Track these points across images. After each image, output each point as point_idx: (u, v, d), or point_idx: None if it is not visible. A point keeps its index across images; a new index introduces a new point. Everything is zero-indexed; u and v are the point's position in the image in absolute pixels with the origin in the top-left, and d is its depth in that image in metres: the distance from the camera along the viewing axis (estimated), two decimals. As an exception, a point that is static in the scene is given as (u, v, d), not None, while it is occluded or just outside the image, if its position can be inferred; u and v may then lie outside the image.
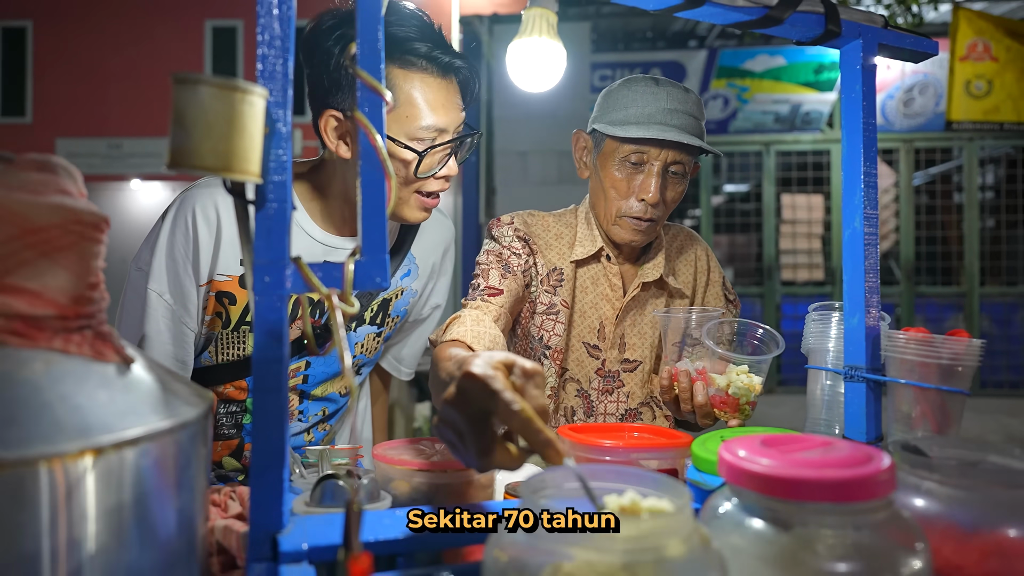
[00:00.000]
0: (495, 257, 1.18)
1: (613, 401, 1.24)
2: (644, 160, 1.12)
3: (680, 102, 1.11)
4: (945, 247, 6.28)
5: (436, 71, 0.98)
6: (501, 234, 1.22)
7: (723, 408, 0.98)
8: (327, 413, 1.20)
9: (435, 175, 1.01)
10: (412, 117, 0.97)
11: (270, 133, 0.57)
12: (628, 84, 1.15)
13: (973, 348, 0.76)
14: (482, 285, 1.14)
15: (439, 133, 0.99)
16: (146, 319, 1.00)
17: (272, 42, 0.57)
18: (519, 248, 1.20)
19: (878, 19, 0.84)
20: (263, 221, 0.57)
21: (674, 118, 1.10)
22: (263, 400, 0.57)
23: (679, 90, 1.13)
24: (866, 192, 0.82)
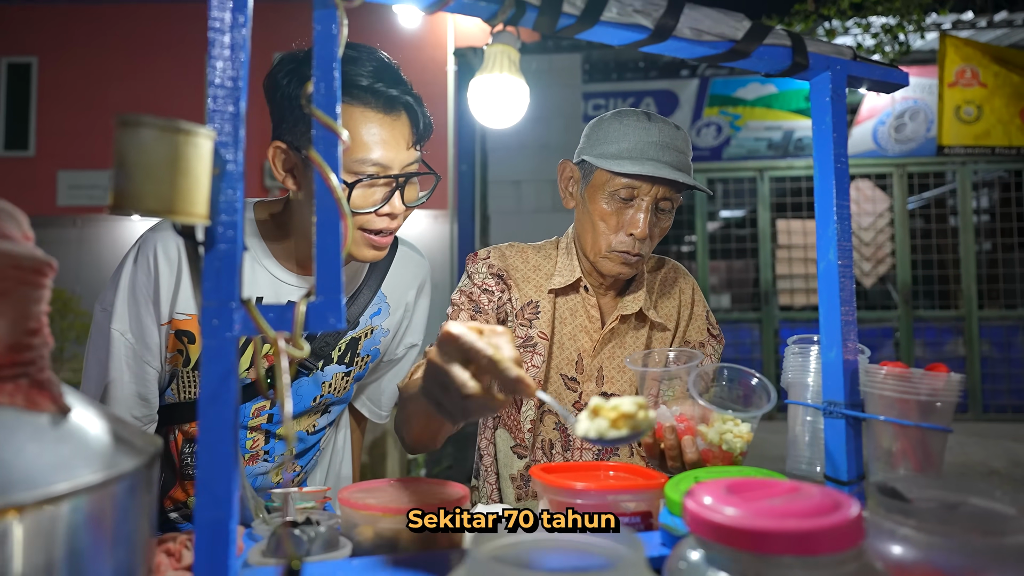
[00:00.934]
0: (466, 298, 1.20)
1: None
2: (635, 195, 1.11)
3: (671, 138, 1.11)
4: (942, 271, 6.28)
5: (379, 106, 0.95)
6: (476, 270, 1.22)
7: (716, 463, 0.93)
8: (295, 452, 1.18)
9: (376, 212, 0.97)
10: (348, 151, 0.94)
11: (220, 173, 0.56)
12: (619, 117, 1.14)
13: (952, 383, 0.74)
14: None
15: (380, 169, 0.95)
16: (110, 358, 0.98)
17: (223, 82, 0.57)
18: (492, 284, 1.20)
19: (846, 51, 0.83)
20: (212, 262, 0.56)
21: (666, 154, 1.10)
22: (209, 447, 0.55)
23: (669, 126, 1.13)
24: (839, 224, 0.81)
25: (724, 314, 6.50)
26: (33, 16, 9.07)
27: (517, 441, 1.23)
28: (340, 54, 0.63)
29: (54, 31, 9.00)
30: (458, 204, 5.52)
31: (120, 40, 8.88)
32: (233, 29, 0.57)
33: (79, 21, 9.01)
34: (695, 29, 0.73)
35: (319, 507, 0.86)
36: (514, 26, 0.71)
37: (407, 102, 0.98)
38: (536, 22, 0.70)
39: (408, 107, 0.99)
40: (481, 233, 5.31)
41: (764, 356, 6.21)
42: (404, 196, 1.00)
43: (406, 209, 1.02)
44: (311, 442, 1.19)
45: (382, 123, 0.95)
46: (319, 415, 1.19)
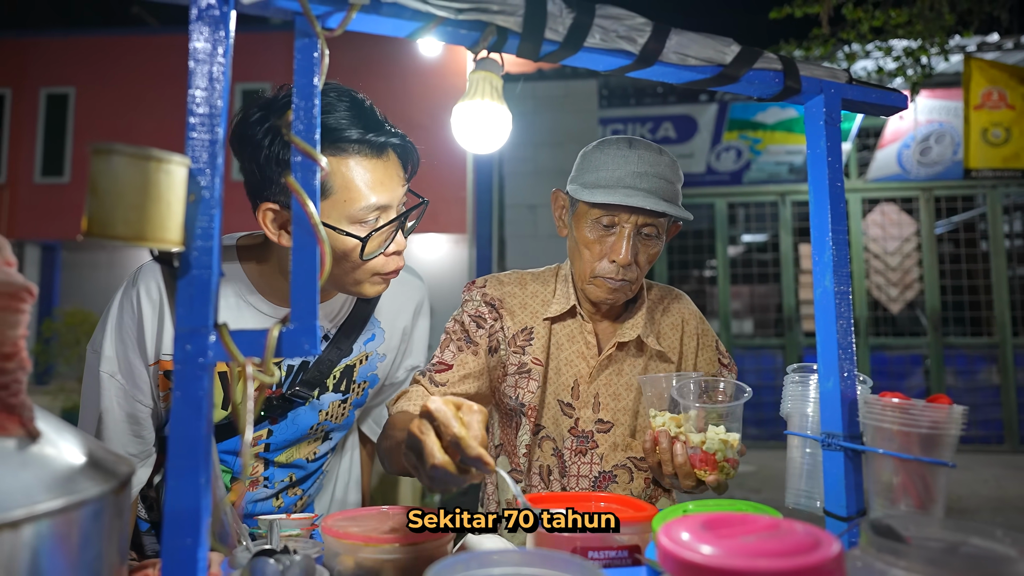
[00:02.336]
0: (459, 326, 1.22)
1: (586, 463, 1.20)
2: (615, 222, 1.12)
3: (651, 165, 1.10)
4: (973, 296, 6.11)
5: (370, 152, 0.97)
6: (470, 298, 1.24)
7: (702, 466, 0.96)
8: (295, 479, 1.17)
9: (384, 253, 1.00)
10: (351, 200, 0.95)
11: (196, 200, 0.57)
12: (601, 147, 1.15)
13: (954, 416, 0.71)
14: (435, 359, 1.20)
15: (381, 211, 0.97)
16: (101, 399, 0.99)
17: (201, 109, 0.58)
18: (484, 312, 1.22)
19: (841, 74, 0.82)
20: (185, 288, 0.56)
21: (643, 181, 1.09)
22: (178, 473, 0.54)
23: (652, 152, 1.12)
24: (836, 250, 0.79)
25: (747, 340, 6.39)
26: (71, 48, 9.45)
27: (513, 466, 1.22)
28: (321, 83, 0.64)
29: (91, 62, 9.36)
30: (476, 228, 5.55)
31: (153, 70, 9.19)
32: (213, 59, 0.58)
33: (114, 52, 9.36)
34: (681, 54, 0.73)
35: (306, 535, 0.86)
36: (497, 53, 0.71)
37: (393, 144, 1.00)
38: (519, 48, 0.70)
39: (395, 147, 1.01)
40: (499, 257, 5.33)
41: (788, 383, 6.08)
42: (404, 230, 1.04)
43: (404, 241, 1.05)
44: (312, 468, 1.18)
45: (375, 167, 0.98)
46: (319, 442, 1.18)
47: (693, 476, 0.97)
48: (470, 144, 0.73)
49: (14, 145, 9.35)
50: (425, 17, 0.65)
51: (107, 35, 9.59)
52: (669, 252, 6.29)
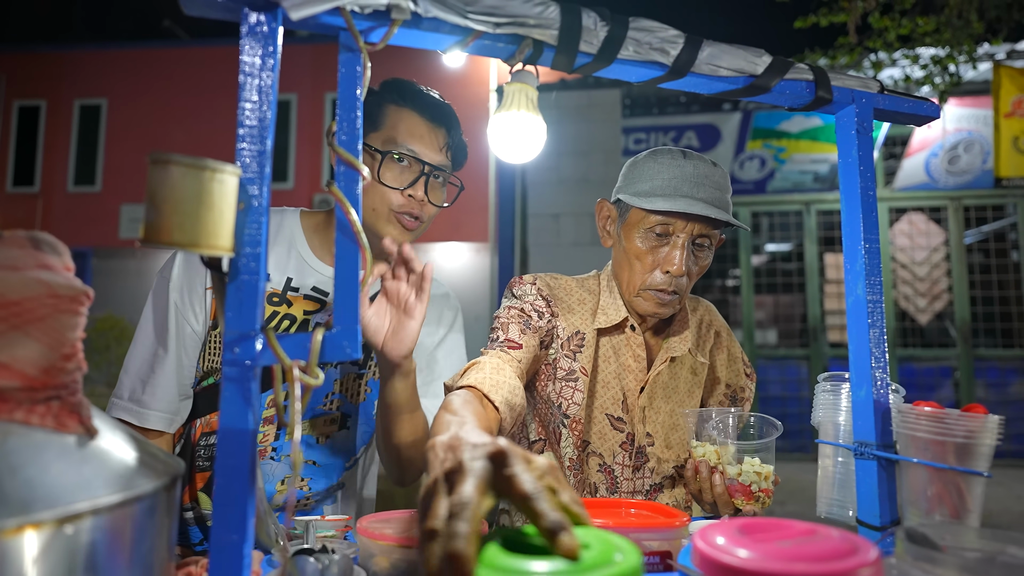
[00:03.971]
0: (516, 312, 1.15)
1: (640, 478, 1.19)
2: (670, 232, 1.11)
3: (706, 175, 1.10)
4: (1004, 307, 5.98)
5: (423, 112, 1.13)
6: (523, 292, 1.20)
7: (739, 496, 1.00)
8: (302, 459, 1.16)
9: (402, 190, 1.10)
10: (390, 138, 1.11)
11: (245, 208, 0.59)
12: (654, 155, 1.14)
13: (991, 425, 0.70)
14: (501, 337, 1.12)
15: (411, 154, 1.11)
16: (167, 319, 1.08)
17: (251, 121, 0.60)
18: (541, 307, 1.18)
19: (873, 84, 0.82)
20: (234, 293, 0.58)
21: (701, 191, 1.09)
22: (227, 472, 0.56)
23: (706, 163, 1.12)
24: (868, 259, 0.79)
25: (771, 350, 6.32)
26: (104, 61, 9.71)
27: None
28: (363, 95, 0.66)
29: (122, 74, 9.60)
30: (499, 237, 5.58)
31: (183, 82, 9.41)
32: (262, 72, 0.60)
33: (146, 65, 9.60)
34: (713, 65, 0.74)
35: (340, 535, 0.87)
36: (532, 65, 0.73)
37: (445, 114, 1.15)
38: (554, 61, 0.71)
39: (446, 119, 1.15)
40: (521, 265, 5.34)
41: (813, 394, 5.99)
42: (428, 191, 1.13)
43: (429, 204, 1.14)
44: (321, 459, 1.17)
45: (422, 124, 1.13)
46: (335, 426, 1.17)
47: (731, 505, 1.00)
48: (506, 154, 0.75)
49: (48, 155, 9.61)
50: (463, 31, 0.67)
51: (139, 48, 9.84)
52: (691, 261, 6.25)
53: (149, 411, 1.07)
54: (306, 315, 1.14)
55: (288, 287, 1.14)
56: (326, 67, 9.44)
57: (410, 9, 0.62)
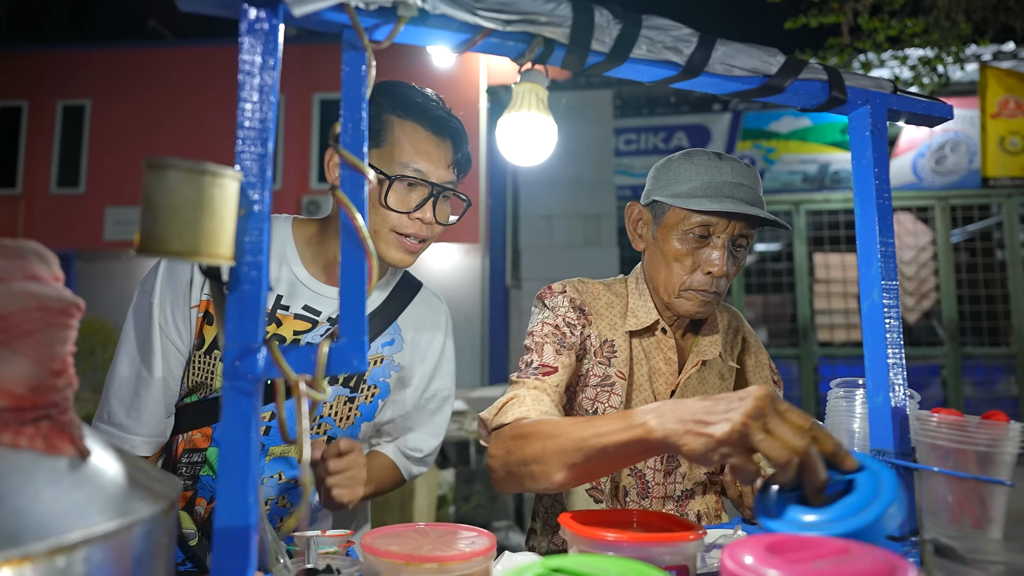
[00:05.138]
0: (551, 329, 1.13)
1: (672, 483, 1.18)
2: (710, 232, 1.09)
3: (743, 176, 1.10)
4: (991, 306, 6.04)
5: (428, 125, 1.05)
6: (556, 304, 1.17)
7: None
8: (283, 478, 1.11)
9: (409, 215, 1.05)
10: (395, 155, 1.04)
11: (246, 214, 0.56)
12: (689, 156, 1.13)
13: (1014, 433, 0.69)
14: (535, 362, 1.09)
15: (419, 175, 1.04)
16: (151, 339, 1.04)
17: (251, 123, 0.57)
18: (574, 319, 1.15)
19: (886, 84, 0.81)
20: (235, 304, 0.55)
21: (740, 191, 1.08)
22: (228, 492, 0.53)
23: (740, 164, 1.12)
24: (884, 263, 0.78)
25: (760, 350, 6.33)
26: (88, 61, 9.57)
27: (594, 484, 1.17)
28: (368, 95, 0.64)
29: (107, 75, 9.47)
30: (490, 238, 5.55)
31: (168, 83, 9.30)
32: (263, 71, 0.58)
33: (131, 65, 9.47)
34: (727, 64, 0.72)
35: (342, 551, 0.84)
36: (542, 64, 0.71)
37: (453, 128, 1.08)
38: (565, 60, 0.69)
39: (453, 133, 1.08)
40: (512, 267, 5.31)
41: (803, 394, 6.02)
42: (436, 211, 1.07)
43: (436, 224, 1.08)
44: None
45: (430, 140, 1.06)
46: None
47: None
48: (515, 156, 0.72)
49: (31, 156, 9.46)
50: (472, 29, 0.64)
51: (123, 48, 9.72)
52: (682, 262, 6.26)
53: (134, 436, 1.03)
54: (296, 335, 1.08)
55: (278, 305, 1.08)
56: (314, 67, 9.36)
57: (417, 5, 0.60)
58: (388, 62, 7.98)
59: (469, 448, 3.74)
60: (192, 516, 1.06)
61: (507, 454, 0.92)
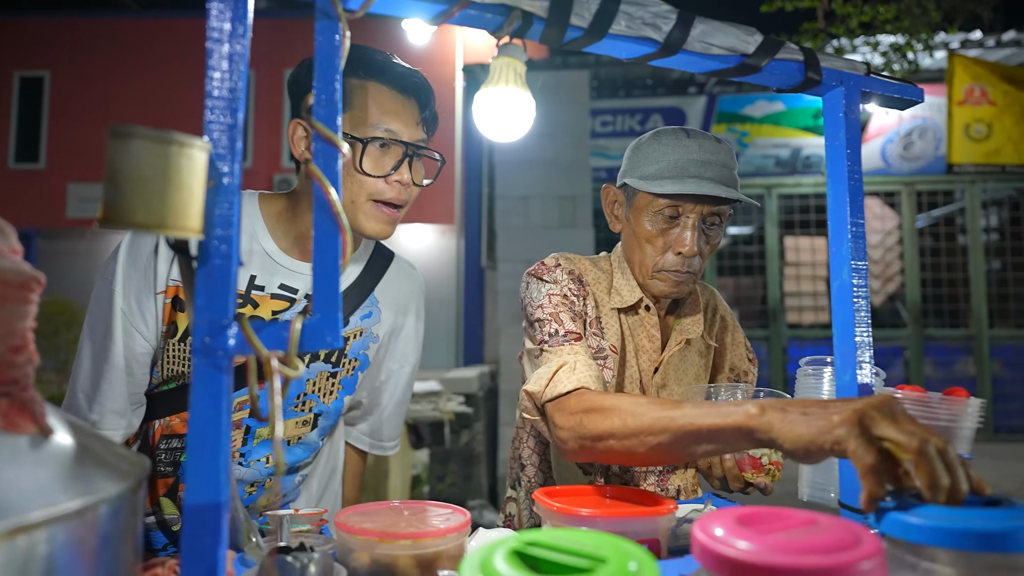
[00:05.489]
0: (560, 299, 1.11)
1: None
2: (680, 213, 1.09)
3: (712, 152, 1.09)
4: (952, 289, 6.22)
5: (391, 83, 1.03)
6: (556, 277, 1.15)
7: (750, 470, 1.00)
8: (271, 462, 1.09)
9: (387, 178, 1.02)
10: (362, 119, 1.01)
11: (215, 186, 0.55)
12: (658, 136, 1.12)
13: (972, 408, 0.71)
14: (561, 331, 1.07)
15: (391, 136, 1.02)
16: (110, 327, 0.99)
17: (221, 93, 0.55)
18: (576, 289, 1.15)
19: (860, 66, 0.81)
20: (205, 279, 0.54)
21: (708, 170, 1.07)
22: (199, 471, 0.52)
23: (710, 140, 1.10)
24: (854, 243, 0.79)
25: (731, 331, 6.45)
26: (46, 30, 9.20)
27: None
28: (342, 66, 0.62)
29: (67, 45, 9.12)
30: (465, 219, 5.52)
31: (132, 54, 8.99)
32: (232, 40, 0.56)
33: (92, 35, 9.13)
34: (705, 43, 0.72)
35: (315, 530, 0.84)
36: (520, 38, 0.70)
37: (417, 84, 1.05)
38: (543, 34, 0.68)
39: (418, 90, 1.05)
40: (488, 249, 5.30)
41: (772, 374, 6.15)
42: (412, 172, 1.05)
43: (414, 186, 1.06)
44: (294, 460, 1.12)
45: (396, 99, 1.03)
46: (308, 427, 1.12)
47: (741, 479, 1.00)
48: (492, 132, 0.71)
49: (-14, 130, 9.10)
50: (449, 0, 0.63)
51: (85, 17, 9.35)
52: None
53: (99, 429, 0.99)
54: (274, 315, 1.05)
55: (252, 286, 1.05)
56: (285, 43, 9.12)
57: (392, -26, 0.58)
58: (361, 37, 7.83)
59: (444, 428, 3.75)
60: (175, 502, 1.05)
61: (579, 426, 0.88)
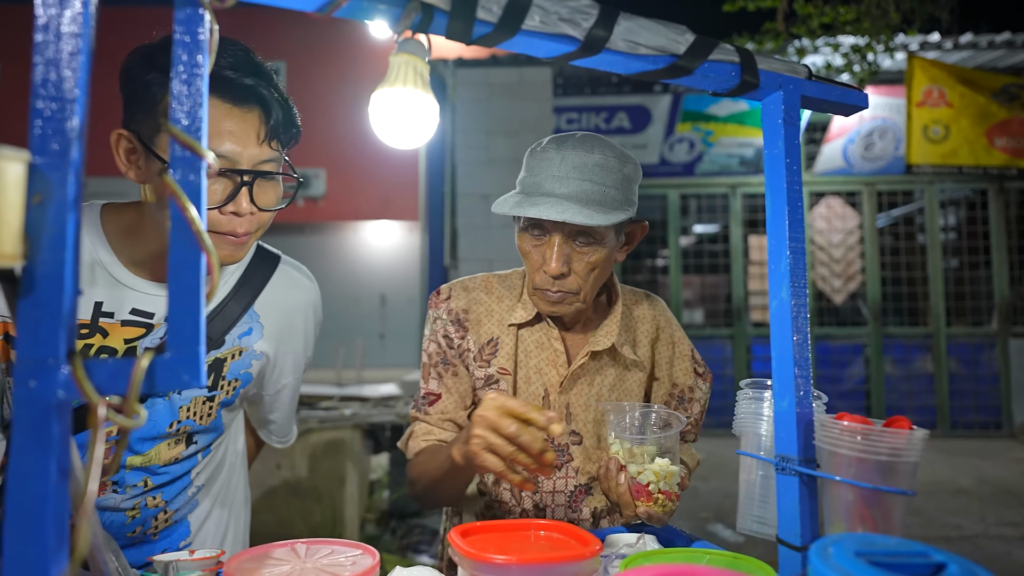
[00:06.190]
0: (435, 350, 1.17)
1: (561, 477, 1.14)
2: (545, 231, 1.05)
3: (574, 167, 1.00)
4: (911, 288, 6.33)
5: (228, 96, 0.88)
6: (437, 315, 1.17)
7: (638, 497, 0.93)
8: (150, 484, 1.01)
9: (220, 209, 0.89)
10: None
11: (43, 202, 0.46)
12: (540, 145, 1.06)
13: (915, 441, 0.66)
14: (423, 391, 1.17)
15: (225, 163, 0.88)
16: None
17: (52, 91, 0.47)
18: (452, 331, 1.16)
19: (801, 69, 0.76)
20: (28, 311, 0.46)
21: (564, 186, 1.00)
22: (17, 545, 0.44)
23: (580, 152, 1.01)
24: (793, 259, 0.74)
25: (697, 330, 6.47)
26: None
27: (480, 478, 1.16)
28: (211, 63, 0.54)
29: (16, 34, 8.73)
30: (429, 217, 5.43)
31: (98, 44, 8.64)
32: (59, 25, 0.47)
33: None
34: (630, 42, 0.66)
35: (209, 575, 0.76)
36: (424, 33, 0.62)
37: (261, 95, 0.90)
38: (448, 29, 0.61)
39: (262, 100, 0.90)
40: (451, 247, 5.22)
41: (736, 372, 6.19)
42: (255, 196, 0.91)
43: (259, 212, 0.93)
44: (173, 474, 1.03)
45: (230, 114, 0.88)
46: (182, 446, 1.03)
47: (632, 506, 0.94)
48: (390, 137, 0.64)
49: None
50: (335, -12, 0.55)
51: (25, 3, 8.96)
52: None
53: None
54: (129, 343, 0.94)
55: (99, 312, 0.93)
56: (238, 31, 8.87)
57: (263, -43, 0.50)
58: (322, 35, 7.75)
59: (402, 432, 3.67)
60: None
61: (412, 486, 1.14)
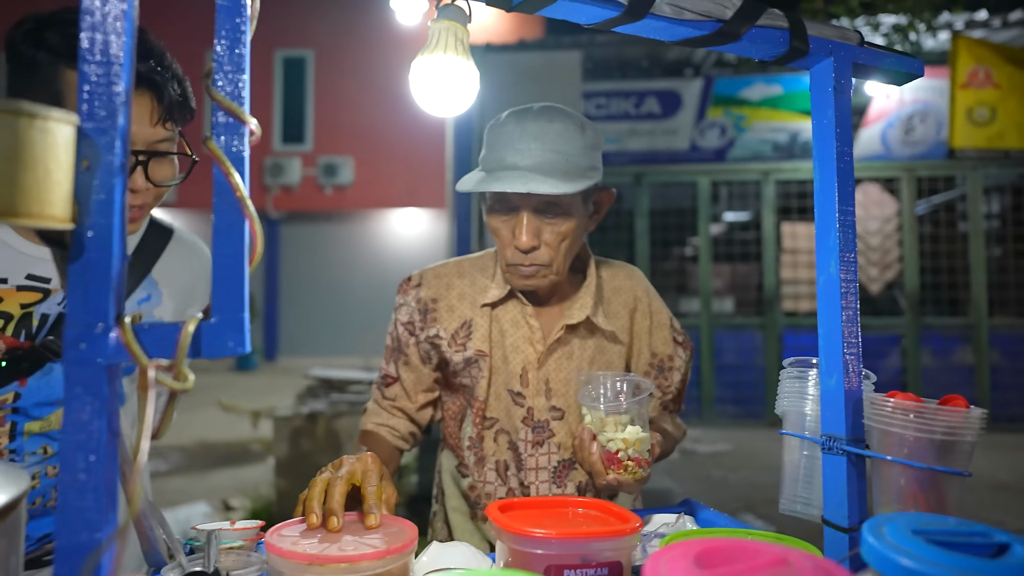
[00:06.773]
0: (394, 337, 1.20)
1: (544, 454, 1.13)
2: (512, 205, 1.03)
3: (535, 137, 0.99)
4: (951, 277, 6.14)
5: None
6: (404, 302, 1.19)
7: (609, 465, 0.93)
8: (50, 452, 1.00)
9: None
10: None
11: (91, 167, 0.47)
12: (499, 119, 1.05)
13: (972, 419, 0.64)
14: (382, 370, 1.21)
15: None
16: None
17: (101, 55, 0.47)
18: (416, 320, 1.17)
19: (853, 36, 0.73)
20: (78, 275, 0.46)
21: (526, 157, 0.99)
22: (75, 496, 0.45)
23: (540, 122, 1.00)
24: (842, 232, 0.71)
25: (727, 319, 6.38)
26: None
27: (459, 460, 1.17)
28: (252, 27, 0.54)
29: None
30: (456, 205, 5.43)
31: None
32: (111, -7, 0.47)
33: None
34: (676, 6, 0.63)
35: (250, 546, 0.77)
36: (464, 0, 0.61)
37: (153, 80, 0.90)
38: (489, -6, 0.60)
39: (151, 83, 0.90)
40: (479, 233, 5.22)
41: (768, 362, 6.09)
42: (150, 173, 0.92)
43: (154, 188, 0.93)
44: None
45: None
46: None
47: (603, 475, 0.93)
48: (430, 105, 0.63)
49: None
50: (376, -48, 0.54)
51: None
52: (651, 230, 6.21)
53: None
54: (25, 308, 0.93)
55: None
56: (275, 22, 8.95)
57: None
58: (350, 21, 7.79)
59: (432, 417, 3.69)
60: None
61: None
